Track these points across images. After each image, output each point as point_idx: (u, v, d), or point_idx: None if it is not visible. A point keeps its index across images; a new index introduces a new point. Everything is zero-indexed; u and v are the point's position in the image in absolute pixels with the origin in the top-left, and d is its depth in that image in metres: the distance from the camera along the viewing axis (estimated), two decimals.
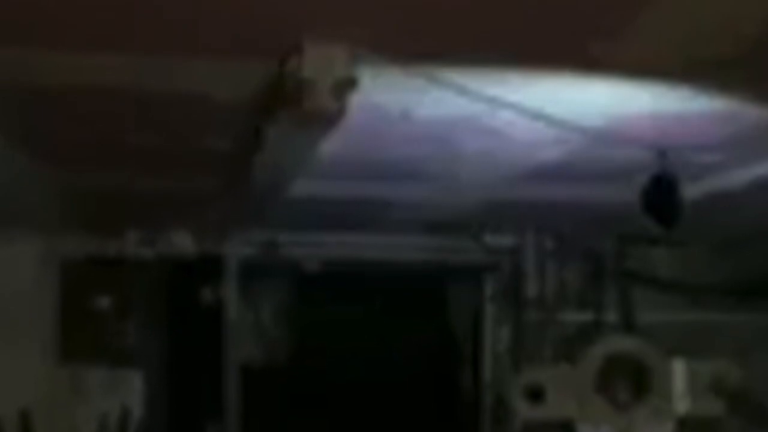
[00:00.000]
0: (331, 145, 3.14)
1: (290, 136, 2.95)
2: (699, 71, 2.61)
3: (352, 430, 5.43)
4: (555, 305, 5.29)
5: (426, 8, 2.23)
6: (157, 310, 5.20)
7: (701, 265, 5.36)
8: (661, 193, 3.23)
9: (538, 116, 2.93)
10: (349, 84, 2.50)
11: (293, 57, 2.46)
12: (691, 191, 3.51)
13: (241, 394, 5.26)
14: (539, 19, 2.29)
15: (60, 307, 5.02)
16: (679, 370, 4.99)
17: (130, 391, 5.09)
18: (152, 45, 2.49)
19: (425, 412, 5.56)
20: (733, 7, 2.24)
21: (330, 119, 2.64)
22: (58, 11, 2.28)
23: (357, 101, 2.58)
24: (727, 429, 5.05)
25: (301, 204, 4.30)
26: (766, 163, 3.61)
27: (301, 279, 5.41)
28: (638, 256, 5.31)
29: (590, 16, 2.27)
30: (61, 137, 3.47)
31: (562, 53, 2.51)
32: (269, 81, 2.64)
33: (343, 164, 3.73)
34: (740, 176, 3.76)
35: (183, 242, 5.09)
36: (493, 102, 2.80)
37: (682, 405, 4.98)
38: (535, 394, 4.90)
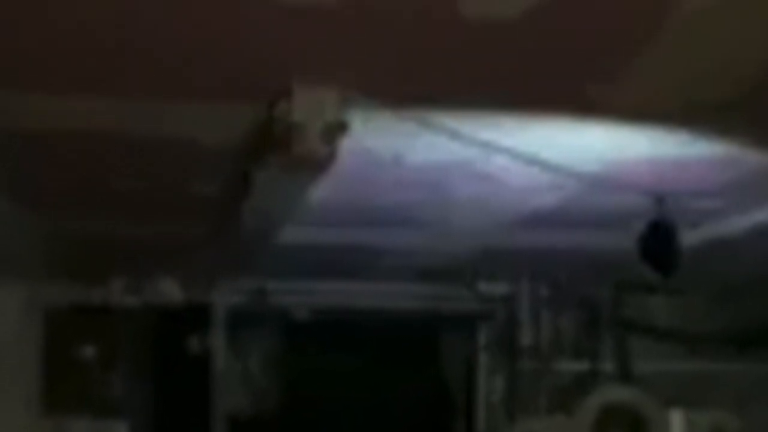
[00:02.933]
0: (322, 191, 3.10)
1: (279, 181, 2.91)
2: (698, 115, 2.59)
3: None
4: (550, 354, 5.23)
5: (418, 51, 2.20)
6: (144, 360, 5.13)
7: (699, 313, 5.31)
8: (658, 240, 3.21)
9: (532, 161, 2.90)
10: (339, 128, 2.47)
11: (282, 100, 2.43)
12: (689, 238, 3.47)
13: None
14: (534, 62, 2.27)
15: (44, 356, 4.94)
16: (677, 420, 4.92)
17: None
18: (139, 88, 2.46)
19: None
20: (731, 50, 2.22)
21: (320, 164, 2.61)
22: (42, 54, 2.24)
23: (347, 146, 2.55)
24: None
25: (290, 251, 4.25)
26: (766, 210, 3.57)
27: (291, 328, 5.35)
28: (635, 305, 5.27)
29: (586, 59, 2.25)
30: (45, 182, 3.43)
31: (557, 97, 2.48)
32: (258, 125, 2.62)
33: (334, 210, 3.69)
34: (740, 223, 3.73)
35: (169, 290, 5.03)
36: (487, 147, 2.78)
37: None
38: None
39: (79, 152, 3.04)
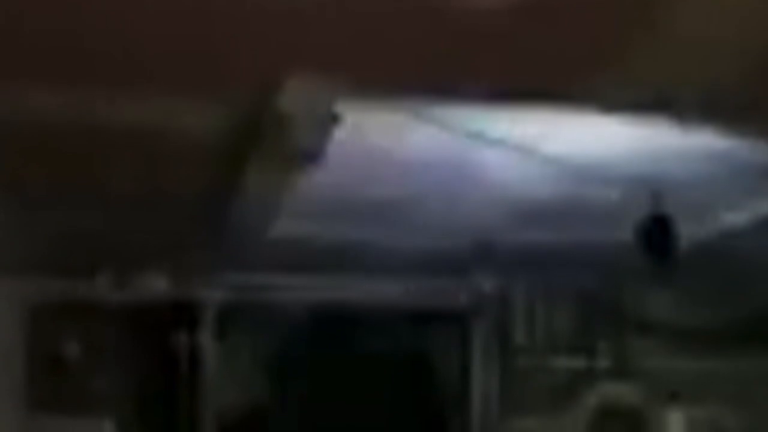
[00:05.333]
0: (312, 184, 3.07)
1: (269, 174, 2.89)
2: (694, 107, 2.55)
3: None
4: (545, 351, 5.19)
5: (410, 43, 2.18)
6: (131, 357, 5.08)
7: (699, 308, 5.26)
8: (656, 233, 3.21)
9: (527, 155, 2.87)
10: (330, 120, 2.45)
11: (273, 92, 2.39)
12: (687, 231, 3.43)
13: None
14: (528, 53, 2.25)
15: (29, 353, 4.90)
16: (676, 418, 4.90)
17: None
18: (127, 79, 2.42)
19: None
20: (727, 40, 2.19)
21: (311, 157, 2.59)
22: (29, 46, 2.21)
23: (339, 139, 2.52)
24: None
25: (281, 245, 4.21)
26: (766, 202, 3.54)
27: (282, 324, 5.30)
28: (633, 299, 5.23)
29: (582, 50, 2.24)
30: (29, 176, 3.37)
31: (551, 88, 2.44)
32: (249, 117, 2.59)
33: (325, 204, 3.65)
34: (740, 216, 3.70)
35: (157, 285, 4.98)
36: (481, 139, 2.74)
37: None
38: None
39: (64, 145, 3.00)
